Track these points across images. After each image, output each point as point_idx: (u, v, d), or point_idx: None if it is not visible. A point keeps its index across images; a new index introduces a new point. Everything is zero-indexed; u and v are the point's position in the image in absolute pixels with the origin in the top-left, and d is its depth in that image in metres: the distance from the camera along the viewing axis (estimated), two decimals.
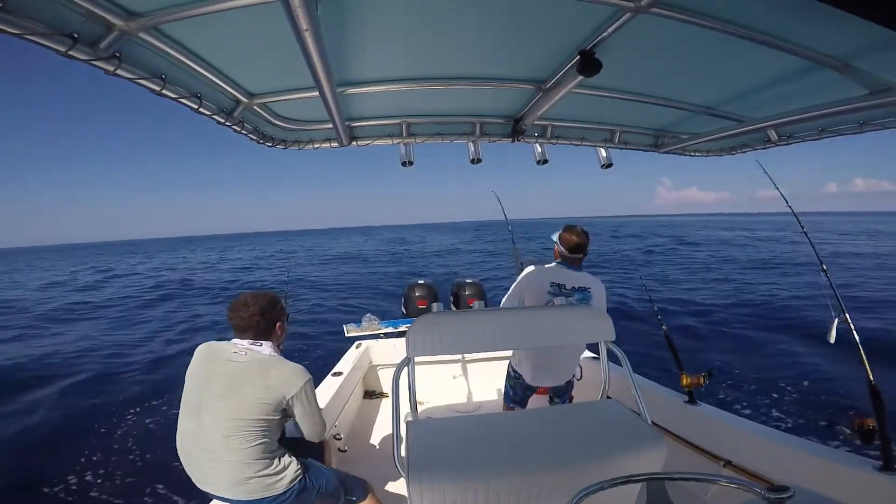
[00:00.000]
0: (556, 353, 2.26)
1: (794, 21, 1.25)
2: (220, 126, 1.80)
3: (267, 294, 1.68)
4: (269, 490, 1.53)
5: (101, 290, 19.61)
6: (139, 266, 33.81)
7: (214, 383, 1.52)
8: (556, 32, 1.45)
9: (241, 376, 1.52)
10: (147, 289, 18.57)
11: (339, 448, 2.66)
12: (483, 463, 1.16)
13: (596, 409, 1.46)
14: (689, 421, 2.38)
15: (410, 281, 4.70)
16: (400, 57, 1.67)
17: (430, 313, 1.52)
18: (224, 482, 1.51)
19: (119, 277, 25.07)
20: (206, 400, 1.51)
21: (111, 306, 14.45)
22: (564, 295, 2.21)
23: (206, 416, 1.49)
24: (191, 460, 1.55)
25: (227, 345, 1.61)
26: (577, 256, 2.27)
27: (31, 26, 0.93)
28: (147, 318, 12.14)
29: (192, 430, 1.52)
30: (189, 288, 18.12)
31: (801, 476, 1.81)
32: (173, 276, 23.61)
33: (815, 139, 2.06)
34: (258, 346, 1.60)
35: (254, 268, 27.26)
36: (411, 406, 1.56)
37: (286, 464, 1.59)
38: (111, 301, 15.64)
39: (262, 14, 1.21)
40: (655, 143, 2.71)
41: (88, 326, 11.33)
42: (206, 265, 31.18)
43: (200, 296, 15.93)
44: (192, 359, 1.61)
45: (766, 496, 0.64)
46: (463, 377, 3.77)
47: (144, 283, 21.13)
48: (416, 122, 2.39)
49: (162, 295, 16.47)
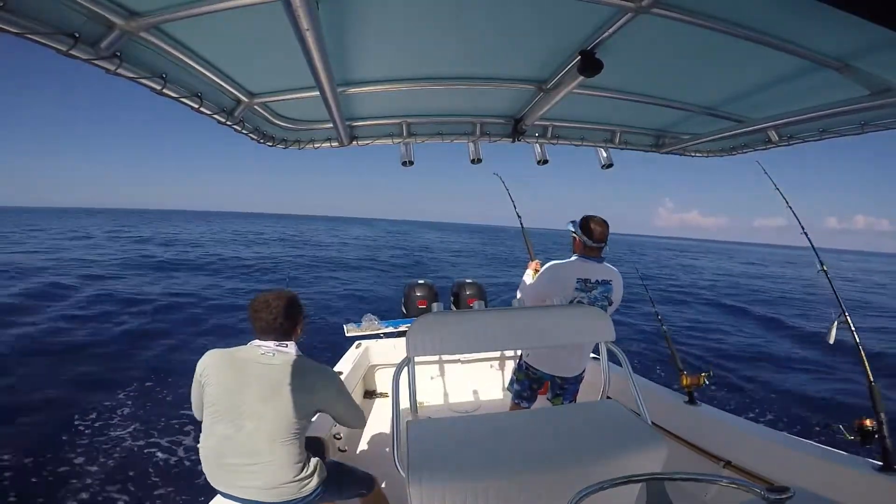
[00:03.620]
0: (569, 345, 2.23)
1: (794, 21, 1.25)
2: (221, 126, 1.80)
3: (287, 293, 1.64)
4: (300, 492, 1.53)
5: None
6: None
7: (251, 388, 1.48)
8: (556, 32, 1.45)
9: (280, 379, 1.49)
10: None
11: (339, 448, 2.66)
12: (483, 463, 1.15)
13: (596, 409, 1.46)
14: (689, 421, 2.38)
15: (410, 281, 4.70)
16: (400, 57, 1.67)
17: (430, 313, 1.52)
18: (259, 486, 1.48)
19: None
20: (245, 405, 1.47)
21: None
22: (588, 290, 2.17)
23: (247, 421, 1.46)
24: (222, 465, 1.50)
25: (249, 349, 1.57)
26: (601, 245, 2.20)
27: (33, 26, 0.93)
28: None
29: (230, 435, 1.48)
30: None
31: (801, 476, 1.81)
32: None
33: (816, 140, 2.06)
34: (285, 347, 1.57)
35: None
36: (411, 406, 1.56)
37: (315, 466, 1.59)
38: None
39: (263, 14, 1.21)
40: (656, 143, 2.71)
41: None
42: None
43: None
44: (207, 365, 1.55)
45: (766, 496, 0.64)
46: (463, 377, 3.77)
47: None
48: (417, 122, 2.39)
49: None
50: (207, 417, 1.53)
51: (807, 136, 2.09)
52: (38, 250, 21.09)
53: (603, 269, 2.22)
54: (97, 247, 24.52)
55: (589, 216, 2.24)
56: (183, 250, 24.89)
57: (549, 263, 2.31)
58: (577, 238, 2.24)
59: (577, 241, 2.25)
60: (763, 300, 16.00)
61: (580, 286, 2.18)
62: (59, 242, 26.13)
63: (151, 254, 21.91)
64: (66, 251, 21.20)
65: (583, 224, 2.23)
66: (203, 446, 1.53)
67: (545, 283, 2.25)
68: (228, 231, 48.52)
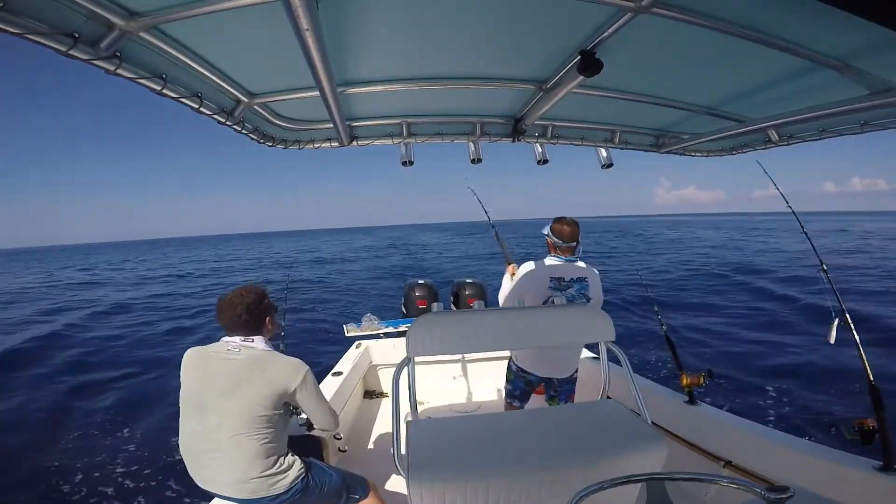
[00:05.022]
0: (559, 346, 2.27)
1: (794, 21, 1.25)
2: (221, 126, 1.80)
3: (252, 290, 1.67)
4: (271, 489, 1.53)
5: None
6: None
7: (215, 383, 1.52)
8: (556, 32, 1.45)
9: (241, 373, 1.52)
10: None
11: (339, 448, 2.66)
12: (483, 463, 1.15)
13: (596, 409, 1.46)
14: (689, 421, 2.38)
15: (410, 281, 4.70)
16: (400, 57, 1.66)
17: (430, 313, 1.52)
18: (228, 481, 1.51)
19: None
20: (210, 400, 1.51)
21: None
22: (563, 288, 2.23)
23: (211, 416, 1.49)
24: (195, 460, 1.54)
25: (219, 345, 1.61)
26: (571, 245, 2.28)
27: (32, 26, 0.93)
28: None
29: (197, 431, 1.52)
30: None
31: (801, 476, 1.81)
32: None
33: (816, 139, 2.06)
34: (250, 342, 1.60)
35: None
36: (411, 406, 1.56)
37: (290, 463, 1.59)
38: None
39: (263, 14, 1.21)
40: (656, 143, 2.71)
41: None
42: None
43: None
44: (183, 363, 1.61)
45: (766, 496, 0.64)
46: (463, 377, 3.77)
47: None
48: (417, 121, 2.39)
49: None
50: (181, 414, 1.57)
51: (807, 135, 2.10)
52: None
53: (575, 268, 2.29)
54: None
55: (558, 218, 2.35)
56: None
57: (524, 265, 2.40)
58: (550, 240, 2.35)
59: (550, 243, 2.36)
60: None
61: (554, 285, 2.24)
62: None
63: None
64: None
65: (553, 227, 2.34)
66: (179, 442, 1.57)
67: (519, 284, 2.33)
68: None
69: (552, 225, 2.35)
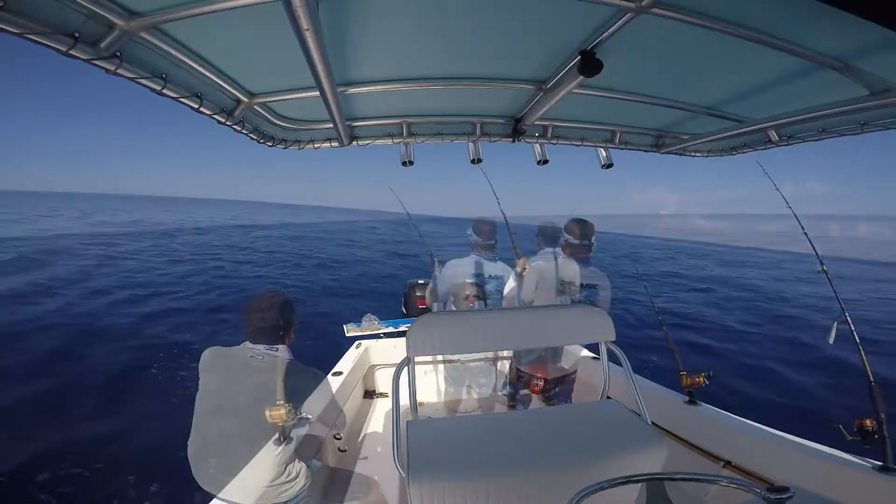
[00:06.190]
0: (555, 346, 2.27)
1: (794, 21, 1.25)
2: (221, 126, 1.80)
3: (281, 295, 1.65)
4: (279, 497, 1.52)
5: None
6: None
7: (238, 389, 1.49)
8: (556, 33, 1.45)
9: (266, 383, 1.50)
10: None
11: (339, 448, 2.66)
12: (483, 463, 1.15)
13: (596, 409, 1.46)
14: (689, 421, 2.38)
15: (410, 281, 4.69)
16: (401, 57, 1.66)
17: (430, 313, 1.52)
18: (239, 487, 1.48)
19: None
20: (231, 405, 1.48)
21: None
22: (571, 293, 2.21)
23: (230, 421, 1.47)
24: (205, 464, 1.51)
25: (241, 350, 1.58)
26: (586, 244, 2.25)
27: (33, 26, 0.93)
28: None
29: (213, 434, 1.49)
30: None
31: (801, 476, 1.81)
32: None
33: (816, 140, 2.06)
34: (275, 351, 1.58)
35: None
36: (411, 406, 1.56)
37: (298, 471, 1.59)
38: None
39: (263, 14, 1.21)
40: (656, 143, 2.71)
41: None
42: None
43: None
44: (203, 364, 1.57)
45: (766, 496, 0.64)
46: (463, 377, 3.77)
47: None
48: (417, 122, 2.39)
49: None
50: (195, 416, 1.54)
51: (807, 136, 2.10)
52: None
53: (590, 272, 2.26)
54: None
55: (573, 217, 2.34)
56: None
57: (534, 265, 2.36)
58: (564, 241, 2.34)
59: (564, 244, 2.35)
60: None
61: (563, 288, 2.22)
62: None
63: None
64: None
65: (566, 225, 2.34)
66: (189, 444, 1.54)
67: (532, 283, 2.31)
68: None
69: (567, 224, 2.34)
